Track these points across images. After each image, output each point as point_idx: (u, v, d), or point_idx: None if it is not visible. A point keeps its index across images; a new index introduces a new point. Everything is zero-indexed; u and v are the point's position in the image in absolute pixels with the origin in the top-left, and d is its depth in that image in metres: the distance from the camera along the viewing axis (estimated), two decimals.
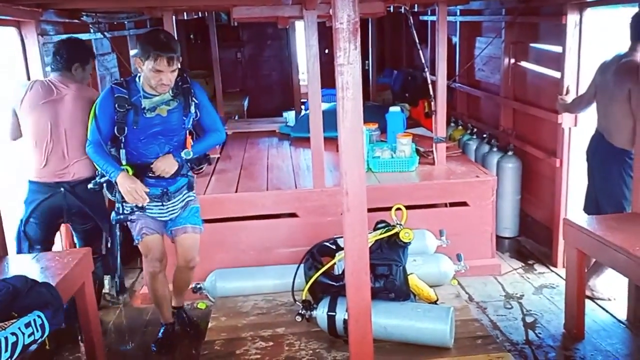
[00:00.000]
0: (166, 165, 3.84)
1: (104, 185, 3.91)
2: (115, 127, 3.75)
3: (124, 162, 3.83)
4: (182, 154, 3.92)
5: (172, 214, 4.08)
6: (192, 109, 3.90)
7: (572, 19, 4.90)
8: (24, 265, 3.60)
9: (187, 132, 4.02)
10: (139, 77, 3.77)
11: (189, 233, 4.14)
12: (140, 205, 3.79)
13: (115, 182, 3.74)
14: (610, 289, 4.68)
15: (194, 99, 3.90)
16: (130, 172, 3.78)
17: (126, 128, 3.76)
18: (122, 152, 3.83)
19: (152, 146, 3.86)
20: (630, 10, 4.30)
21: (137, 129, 3.77)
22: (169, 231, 4.14)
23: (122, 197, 3.79)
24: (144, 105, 3.76)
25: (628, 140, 4.30)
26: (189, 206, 4.15)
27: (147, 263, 4.13)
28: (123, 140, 3.81)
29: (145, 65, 3.62)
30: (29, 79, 4.50)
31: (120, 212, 3.87)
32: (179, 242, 4.14)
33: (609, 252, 3.64)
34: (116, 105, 3.70)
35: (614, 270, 3.82)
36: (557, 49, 5.21)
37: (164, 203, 4.00)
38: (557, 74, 5.21)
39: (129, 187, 3.71)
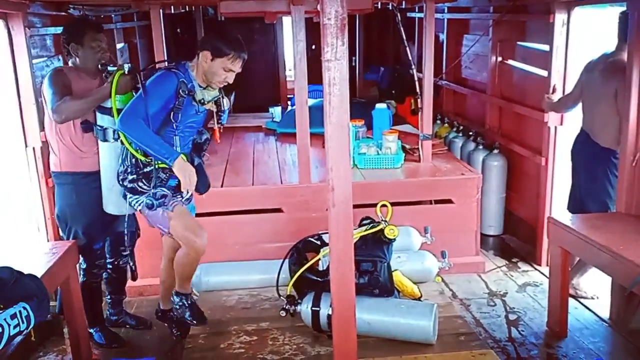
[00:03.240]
0: (192, 177, 3.62)
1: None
2: (172, 113, 3.59)
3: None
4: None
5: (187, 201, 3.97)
6: (225, 102, 3.87)
7: (559, 17, 4.92)
8: (10, 256, 3.57)
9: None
10: (189, 66, 3.67)
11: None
12: (184, 192, 3.68)
13: (171, 166, 3.54)
14: (593, 287, 4.71)
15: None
16: (186, 159, 3.64)
17: (180, 116, 3.63)
18: (176, 139, 3.70)
19: (183, 139, 3.75)
20: (617, 10, 4.32)
21: (188, 117, 3.68)
22: None
23: (159, 183, 3.65)
24: (200, 97, 3.67)
25: (613, 139, 4.32)
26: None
27: (203, 236, 3.78)
28: (175, 127, 3.66)
29: (216, 62, 3.56)
30: (15, 71, 4.46)
31: (157, 197, 3.67)
32: None
33: (593, 250, 3.66)
34: (180, 90, 3.55)
35: (598, 269, 3.85)
36: (544, 47, 5.23)
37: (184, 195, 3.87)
38: (544, 73, 5.23)
39: (190, 172, 3.58)
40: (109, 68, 3.74)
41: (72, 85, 3.81)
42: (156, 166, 3.62)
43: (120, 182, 3.72)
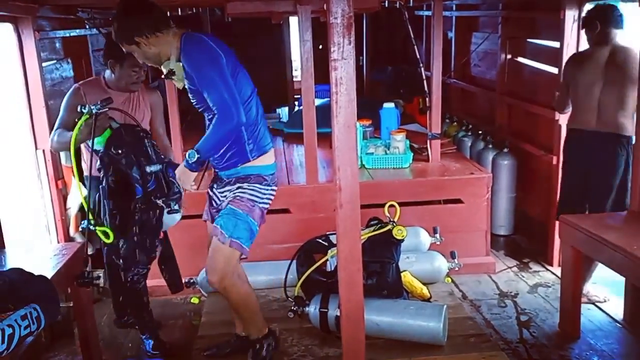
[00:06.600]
0: (180, 176, 3.33)
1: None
2: None
3: None
4: (187, 156, 3.18)
5: (220, 203, 3.61)
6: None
7: (570, 13, 4.86)
8: (21, 258, 3.59)
9: None
10: None
11: (214, 239, 3.48)
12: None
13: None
14: (604, 291, 4.66)
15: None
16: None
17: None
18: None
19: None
20: (628, 6, 4.27)
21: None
22: None
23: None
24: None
25: (617, 123, 4.25)
26: (229, 205, 3.46)
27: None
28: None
29: None
30: (25, 74, 4.46)
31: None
32: None
33: (606, 250, 3.60)
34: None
35: (611, 269, 3.78)
36: (555, 44, 5.19)
37: (213, 189, 3.64)
38: (555, 70, 5.19)
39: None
40: (81, 109, 3.38)
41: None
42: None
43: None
